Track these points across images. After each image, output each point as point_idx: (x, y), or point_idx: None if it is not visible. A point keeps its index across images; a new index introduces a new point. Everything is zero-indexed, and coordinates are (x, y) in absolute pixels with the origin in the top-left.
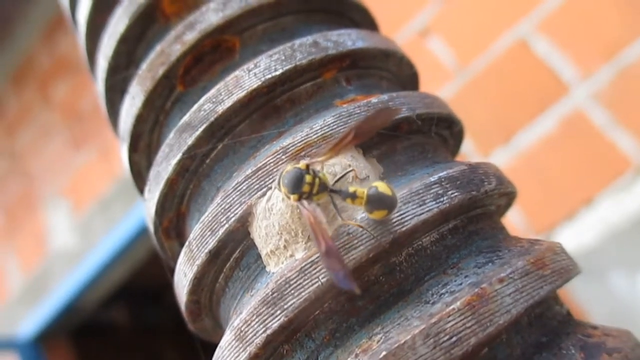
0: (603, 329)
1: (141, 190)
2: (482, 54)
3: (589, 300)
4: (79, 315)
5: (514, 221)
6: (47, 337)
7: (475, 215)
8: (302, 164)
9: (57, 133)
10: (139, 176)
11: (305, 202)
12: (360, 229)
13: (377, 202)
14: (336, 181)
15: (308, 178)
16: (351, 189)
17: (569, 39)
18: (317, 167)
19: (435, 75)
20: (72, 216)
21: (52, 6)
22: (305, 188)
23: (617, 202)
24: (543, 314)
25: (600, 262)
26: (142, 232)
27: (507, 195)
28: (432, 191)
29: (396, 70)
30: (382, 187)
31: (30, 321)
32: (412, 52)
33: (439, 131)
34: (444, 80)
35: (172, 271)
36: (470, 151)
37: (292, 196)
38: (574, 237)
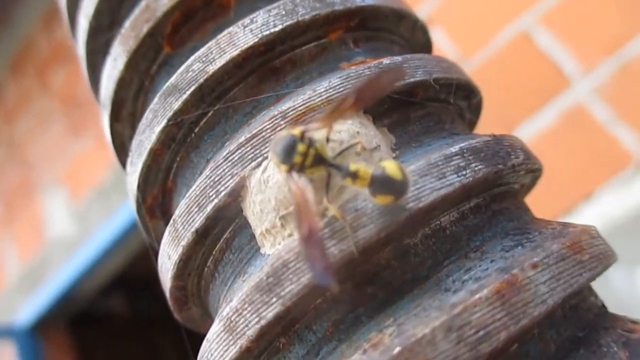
0: None
1: (124, 164)
2: (484, 46)
3: None
4: (77, 303)
5: None
6: (44, 325)
7: (499, 193)
8: (297, 130)
9: (56, 120)
10: (122, 149)
11: (295, 175)
12: (371, 205)
13: (382, 185)
14: (338, 154)
15: (301, 147)
16: (353, 167)
17: (572, 32)
18: (318, 135)
19: None
20: (70, 204)
21: None
22: (297, 159)
23: (617, 196)
24: (578, 305)
25: None
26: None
27: (533, 173)
28: (453, 163)
29: (409, 36)
30: (391, 168)
31: (27, 309)
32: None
33: (456, 101)
34: None
35: (157, 254)
36: None
37: (282, 166)
38: None
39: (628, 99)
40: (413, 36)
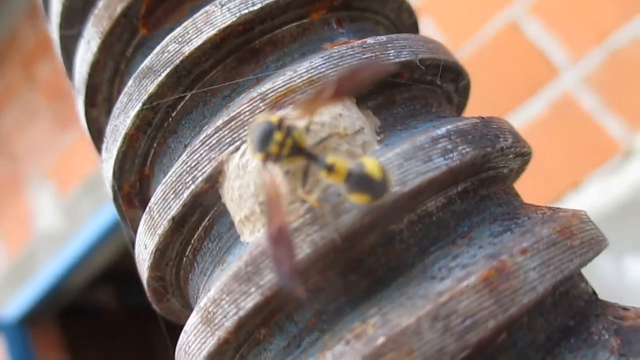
0: (636, 311)
1: (100, 150)
2: (473, 36)
3: None
4: (65, 297)
5: None
6: (33, 319)
7: (486, 178)
8: (275, 117)
9: (42, 114)
10: (99, 135)
11: (270, 165)
12: None
13: (358, 183)
14: (318, 143)
15: (278, 136)
16: (330, 160)
17: (560, 21)
18: (297, 123)
19: None
20: (57, 198)
21: None
22: (273, 148)
23: (605, 186)
24: (569, 293)
25: None
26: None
27: (522, 157)
28: (439, 146)
29: (395, 17)
30: (370, 165)
31: (15, 303)
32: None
33: (444, 84)
34: None
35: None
36: None
37: (258, 154)
38: None
39: (616, 88)
40: (399, 18)
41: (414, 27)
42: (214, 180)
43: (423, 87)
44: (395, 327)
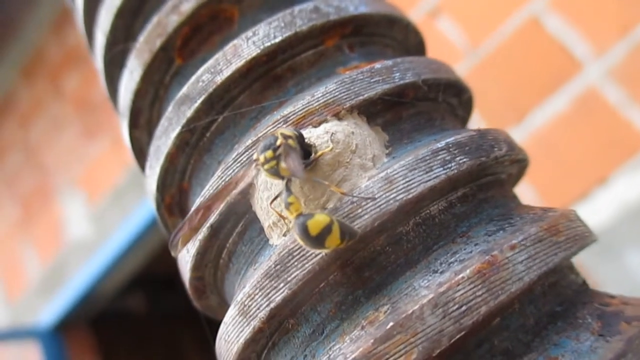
0: (621, 298)
1: (143, 167)
2: (493, 32)
3: (605, 279)
4: (97, 303)
5: (528, 200)
6: (66, 325)
7: (485, 183)
8: (290, 132)
9: (70, 124)
10: (141, 153)
11: (255, 168)
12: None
13: (298, 228)
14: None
15: (268, 153)
16: (291, 199)
17: (582, 15)
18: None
19: (445, 56)
20: (87, 206)
21: None
22: (261, 158)
23: (632, 180)
24: (557, 283)
25: (616, 241)
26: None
27: (518, 163)
28: (439, 157)
29: (402, 38)
30: (315, 221)
31: (49, 310)
32: (422, 32)
33: (447, 99)
34: (455, 60)
35: None
36: None
37: (254, 154)
38: (588, 216)
39: None
40: (406, 38)
41: (420, 45)
42: (246, 192)
43: (428, 103)
44: (402, 313)
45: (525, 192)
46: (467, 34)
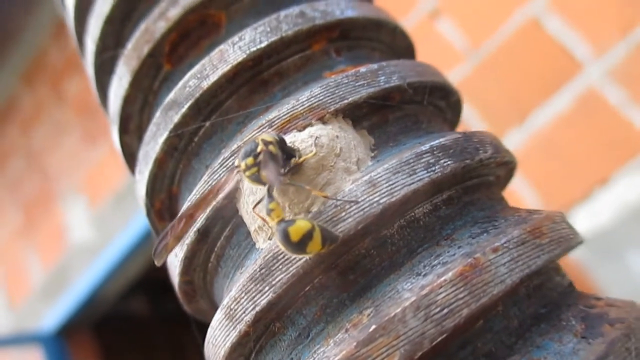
0: (607, 300)
1: (134, 172)
2: (493, 34)
3: (607, 280)
4: (100, 307)
5: (529, 202)
6: (69, 329)
7: (471, 186)
8: (271, 138)
9: (72, 129)
10: (132, 158)
11: (237, 173)
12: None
13: (279, 235)
14: (291, 169)
15: (249, 160)
16: (272, 205)
17: (582, 16)
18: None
19: (446, 57)
20: (89, 211)
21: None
22: (242, 165)
23: (633, 181)
24: (543, 285)
25: (617, 242)
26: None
27: (505, 165)
28: (423, 160)
29: (390, 42)
30: (296, 227)
31: (52, 315)
32: (421, 34)
33: (435, 101)
34: (455, 62)
35: None
36: None
37: (236, 161)
38: (590, 217)
39: None
40: (394, 41)
41: (409, 49)
42: (232, 196)
43: (414, 106)
44: (385, 316)
45: (526, 192)
46: (467, 35)
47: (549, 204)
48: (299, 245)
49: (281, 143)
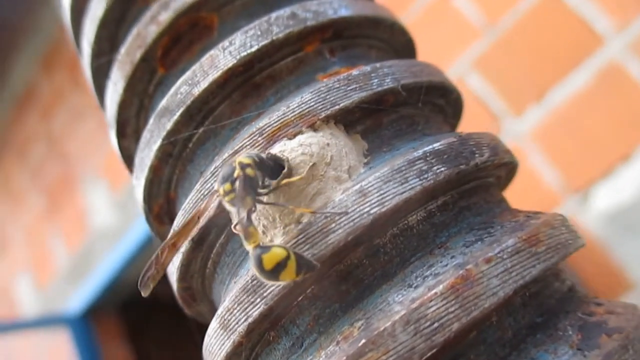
0: (608, 306)
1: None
2: (511, 8)
3: (628, 257)
4: (124, 289)
5: (550, 180)
6: (95, 311)
7: (468, 189)
8: (237, 170)
9: (90, 115)
10: (131, 161)
11: (217, 198)
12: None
13: (254, 261)
14: (274, 188)
15: (226, 186)
16: (251, 229)
17: None
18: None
19: (462, 34)
20: (110, 194)
21: None
22: (221, 190)
23: None
24: (540, 293)
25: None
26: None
27: (505, 166)
28: (415, 167)
29: (388, 38)
30: (270, 255)
31: (78, 297)
32: (438, 11)
33: (433, 100)
34: (472, 39)
35: None
36: (502, 111)
37: (216, 185)
38: (612, 194)
39: None
40: (392, 37)
41: (409, 45)
42: (214, 220)
43: (409, 108)
44: (375, 330)
45: (547, 171)
46: (484, 11)
47: (570, 181)
48: (272, 273)
49: (260, 164)
